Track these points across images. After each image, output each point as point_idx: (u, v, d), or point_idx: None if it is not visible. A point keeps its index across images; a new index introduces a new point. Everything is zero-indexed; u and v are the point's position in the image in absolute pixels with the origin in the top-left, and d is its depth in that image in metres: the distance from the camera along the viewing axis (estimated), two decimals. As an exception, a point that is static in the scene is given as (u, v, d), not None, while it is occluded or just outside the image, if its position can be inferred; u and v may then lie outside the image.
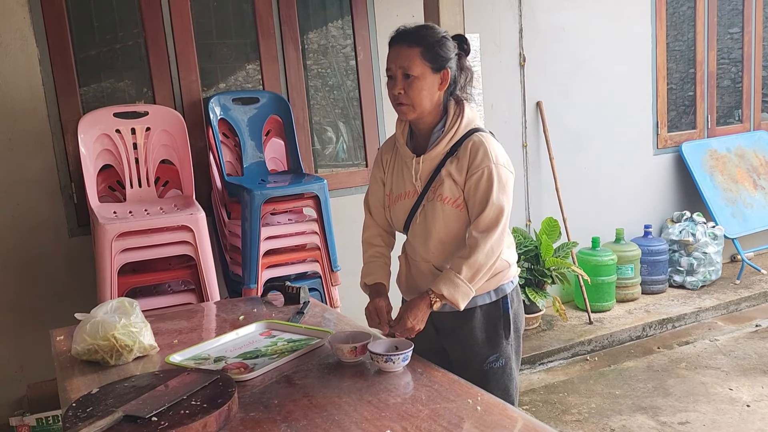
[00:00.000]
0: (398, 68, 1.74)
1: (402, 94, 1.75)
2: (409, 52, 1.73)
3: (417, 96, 1.75)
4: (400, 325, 1.71)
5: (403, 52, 1.74)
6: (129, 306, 1.83)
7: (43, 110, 3.04)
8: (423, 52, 1.73)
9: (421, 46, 1.73)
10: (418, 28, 1.78)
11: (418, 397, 1.46)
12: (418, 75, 1.73)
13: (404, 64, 1.73)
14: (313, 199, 3.13)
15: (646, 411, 3.06)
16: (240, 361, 1.73)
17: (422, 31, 1.77)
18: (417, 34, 1.75)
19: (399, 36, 1.77)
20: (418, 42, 1.74)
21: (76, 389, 1.62)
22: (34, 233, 3.06)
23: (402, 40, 1.76)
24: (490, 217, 1.74)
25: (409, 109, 1.77)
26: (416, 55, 1.73)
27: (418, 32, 1.76)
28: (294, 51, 3.61)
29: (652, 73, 4.84)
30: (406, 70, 1.73)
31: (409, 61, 1.73)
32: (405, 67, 1.73)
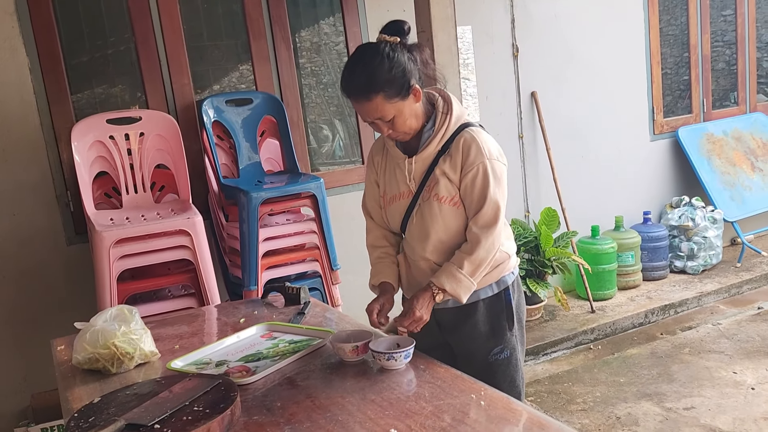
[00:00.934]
0: (374, 119, 1.70)
1: (392, 132, 1.74)
2: (374, 103, 1.66)
3: (404, 126, 1.73)
4: (408, 317, 1.71)
5: (368, 107, 1.67)
6: (128, 313, 1.83)
7: (35, 119, 3.02)
8: (385, 95, 1.65)
9: (380, 92, 1.64)
10: (362, 74, 1.65)
11: (421, 394, 1.46)
12: (395, 114, 1.69)
13: (376, 116, 1.69)
14: (310, 198, 3.12)
15: (651, 398, 3.05)
16: (242, 364, 1.72)
17: (368, 75, 1.64)
18: (369, 84, 1.64)
19: (352, 91, 1.68)
20: (374, 90, 1.64)
21: (77, 399, 1.62)
22: (31, 243, 3.05)
23: (359, 95, 1.67)
24: (490, 213, 1.74)
25: (405, 135, 1.77)
26: (381, 101, 1.65)
27: (369, 80, 1.64)
28: (286, 50, 3.59)
29: (646, 59, 4.82)
30: (382, 118, 1.69)
31: (380, 111, 1.67)
32: (381, 117, 1.69)
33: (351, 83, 1.68)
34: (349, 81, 1.69)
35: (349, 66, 1.70)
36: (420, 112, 1.76)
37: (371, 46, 1.71)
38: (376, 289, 1.91)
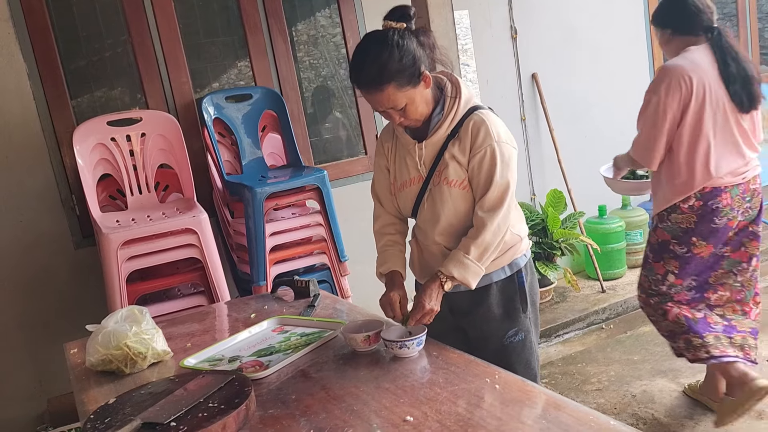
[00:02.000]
0: (387, 109, 1.69)
1: (404, 120, 1.72)
2: (385, 93, 1.64)
3: (416, 113, 1.72)
4: (418, 311, 1.69)
5: (380, 97, 1.65)
6: (139, 313, 1.83)
7: (36, 125, 3.02)
8: (396, 84, 1.63)
9: (391, 82, 1.62)
10: (373, 65, 1.62)
11: (435, 381, 1.45)
12: (407, 102, 1.68)
13: (389, 105, 1.67)
14: (314, 191, 3.11)
15: (666, 374, 3.04)
16: (255, 359, 1.72)
17: (379, 65, 1.61)
18: (380, 74, 1.61)
19: (363, 83, 1.66)
20: (386, 80, 1.62)
21: (93, 401, 1.62)
22: (38, 248, 3.06)
23: (370, 86, 1.65)
24: (495, 196, 1.72)
25: (416, 122, 1.75)
26: (392, 91, 1.64)
27: (379, 70, 1.61)
28: (283, 43, 3.57)
29: (646, 36, 4.77)
30: (396, 106, 1.68)
31: (392, 100, 1.66)
32: (393, 106, 1.68)
33: (361, 74, 1.66)
34: (359, 72, 1.67)
35: (358, 57, 1.67)
36: (430, 98, 1.75)
37: (379, 34, 1.67)
38: (383, 278, 1.89)
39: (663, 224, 2.44)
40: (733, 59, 2.33)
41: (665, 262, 2.47)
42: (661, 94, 2.32)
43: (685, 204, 2.36)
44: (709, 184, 2.32)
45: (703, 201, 2.33)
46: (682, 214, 2.37)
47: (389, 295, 1.77)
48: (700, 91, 2.31)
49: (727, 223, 2.36)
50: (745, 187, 2.38)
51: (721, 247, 2.41)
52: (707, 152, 2.33)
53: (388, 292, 1.79)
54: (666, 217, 2.42)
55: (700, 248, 2.39)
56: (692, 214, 2.36)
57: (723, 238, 2.40)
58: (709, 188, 2.33)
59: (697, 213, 2.34)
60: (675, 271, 2.45)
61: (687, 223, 2.37)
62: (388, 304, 1.76)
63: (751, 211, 2.41)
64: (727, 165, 2.35)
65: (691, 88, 2.30)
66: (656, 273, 2.51)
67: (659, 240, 2.47)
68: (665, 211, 2.41)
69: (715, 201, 2.33)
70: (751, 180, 2.40)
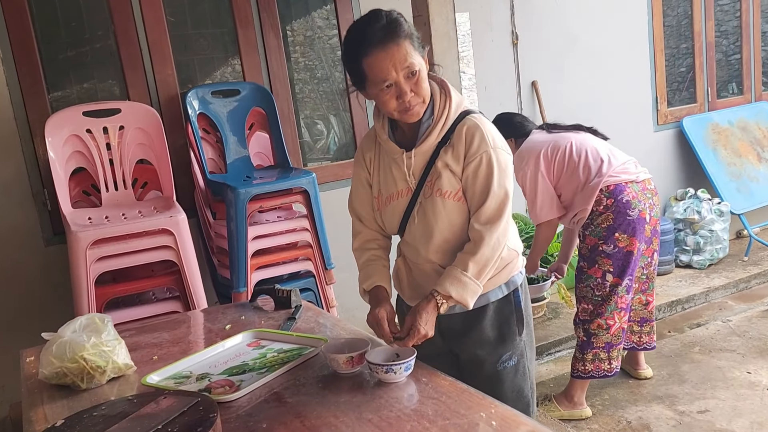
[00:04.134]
0: (401, 70, 1.50)
1: (413, 96, 1.54)
2: (403, 47, 1.49)
3: (424, 90, 1.56)
4: (412, 335, 1.52)
5: (398, 53, 1.49)
6: (100, 322, 1.66)
7: (8, 112, 2.85)
8: (411, 43, 1.51)
9: (407, 38, 1.50)
10: (387, 21, 1.51)
11: (424, 413, 1.30)
12: (420, 68, 1.53)
13: (406, 63, 1.50)
14: (302, 194, 2.96)
15: (663, 400, 2.91)
16: (225, 378, 1.56)
17: (393, 21, 1.51)
18: (397, 28, 1.50)
19: (379, 37, 1.49)
20: (402, 35, 1.50)
21: (41, 419, 1.46)
22: (6, 244, 2.88)
23: (388, 40, 1.49)
24: (493, 208, 1.57)
25: (421, 107, 1.58)
26: (409, 47, 1.50)
27: (395, 25, 1.51)
28: (275, 39, 3.42)
29: (649, 47, 4.67)
30: (411, 67, 1.51)
31: (410, 57, 1.50)
32: (410, 66, 1.50)
33: (376, 31, 1.49)
34: (373, 31, 1.49)
35: (367, 21, 1.52)
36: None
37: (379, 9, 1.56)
38: (366, 295, 1.73)
39: (588, 230, 2.72)
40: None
41: (599, 264, 2.70)
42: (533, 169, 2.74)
43: (599, 206, 2.66)
44: (611, 182, 2.64)
45: (613, 198, 2.64)
46: (600, 215, 2.67)
47: (376, 312, 1.60)
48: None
49: (639, 214, 2.64)
50: (643, 185, 2.71)
51: (642, 244, 2.69)
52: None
53: (374, 309, 1.62)
54: (590, 224, 2.71)
55: (624, 242, 2.66)
56: (609, 213, 2.65)
57: (642, 231, 2.67)
58: (612, 185, 2.64)
59: (612, 210, 2.64)
60: (610, 270, 2.69)
61: (607, 222, 2.66)
62: (376, 323, 1.59)
63: (656, 208, 2.74)
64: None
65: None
66: (595, 278, 2.72)
67: (589, 246, 2.73)
68: (588, 220, 2.71)
69: (623, 195, 2.63)
70: (646, 181, 2.75)
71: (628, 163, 2.75)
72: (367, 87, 1.56)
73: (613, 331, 2.74)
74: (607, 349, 2.76)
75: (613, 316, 2.72)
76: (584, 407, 2.85)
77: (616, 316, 2.72)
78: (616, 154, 2.76)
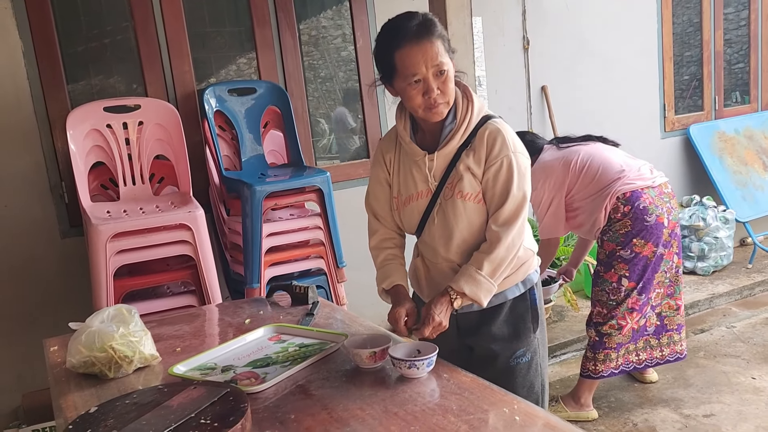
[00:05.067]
0: (431, 67, 1.55)
1: (440, 94, 1.59)
2: (436, 45, 1.55)
3: (451, 91, 1.61)
4: (428, 324, 1.58)
5: (432, 50, 1.54)
6: (127, 313, 1.70)
7: (29, 106, 2.88)
8: (442, 41, 1.57)
9: (440, 37, 1.57)
10: (423, 19, 1.58)
11: (448, 407, 1.33)
12: (449, 68, 1.58)
13: (437, 61, 1.55)
14: (315, 192, 3.00)
15: (668, 403, 2.94)
16: (250, 370, 1.60)
17: (429, 18, 1.59)
18: (431, 25, 1.57)
19: (415, 29, 1.55)
20: (436, 34, 1.56)
21: (72, 407, 1.49)
22: (24, 235, 2.91)
23: (423, 36, 1.55)
24: (511, 210, 1.62)
25: (445, 107, 1.62)
26: (441, 47, 1.56)
27: (430, 21, 1.57)
28: (291, 38, 3.46)
29: (658, 54, 4.71)
30: (441, 66, 1.56)
31: (441, 56, 1.55)
32: (439, 64, 1.55)
33: (413, 25, 1.55)
34: (409, 25, 1.56)
35: (403, 18, 1.59)
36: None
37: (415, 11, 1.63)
38: (384, 294, 1.77)
39: (606, 236, 2.75)
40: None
41: (615, 269, 2.74)
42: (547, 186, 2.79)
43: (617, 213, 2.68)
44: (627, 189, 2.67)
45: (630, 205, 2.66)
46: (618, 221, 2.69)
47: (398, 309, 1.65)
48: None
49: (657, 219, 2.67)
50: (659, 189, 2.74)
51: (661, 248, 2.71)
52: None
53: (395, 307, 1.67)
54: (607, 229, 2.74)
55: (641, 248, 2.69)
56: (626, 219, 2.68)
57: (660, 236, 2.69)
58: (629, 192, 2.66)
59: (630, 217, 2.67)
60: (626, 274, 2.72)
61: (625, 228, 2.69)
62: (396, 320, 1.64)
63: (674, 211, 2.77)
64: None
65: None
66: (611, 282, 2.75)
67: (606, 251, 2.76)
68: (606, 226, 2.74)
69: (640, 201, 2.66)
70: (662, 185, 2.77)
71: (643, 168, 2.78)
72: (395, 81, 1.61)
73: (624, 332, 2.76)
74: (617, 349, 2.79)
75: (625, 316, 2.75)
76: (591, 409, 2.89)
77: (628, 316, 2.75)
78: (630, 161, 2.79)
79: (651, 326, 2.85)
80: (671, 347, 2.90)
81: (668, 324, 2.89)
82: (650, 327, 2.85)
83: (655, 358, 2.89)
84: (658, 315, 2.86)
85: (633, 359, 2.85)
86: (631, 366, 2.86)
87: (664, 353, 2.89)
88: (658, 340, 2.88)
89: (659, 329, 2.87)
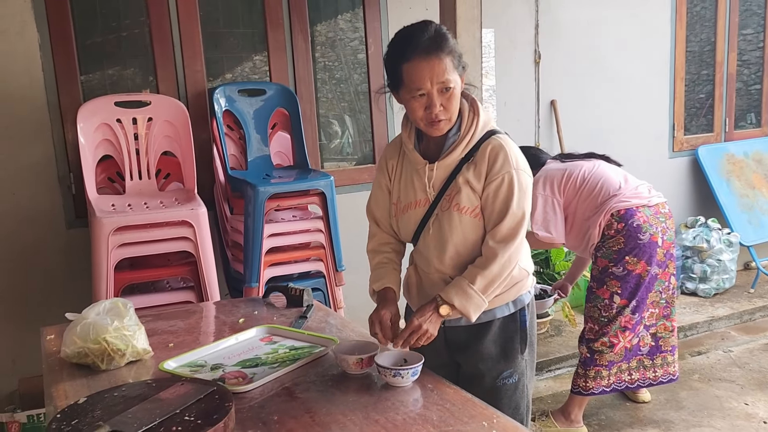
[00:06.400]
0: (435, 84, 1.56)
1: (442, 110, 1.60)
2: (444, 62, 1.55)
3: (454, 108, 1.61)
4: (408, 328, 1.59)
5: (439, 67, 1.54)
6: (123, 307, 1.73)
7: (42, 97, 2.94)
8: (452, 60, 1.57)
9: (449, 55, 1.56)
10: (435, 33, 1.57)
11: (428, 417, 1.36)
12: (455, 86, 1.58)
13: (443, 78, 1.55)
14: (319, 196, 3.03)
15: (659, 425, 2.95)
16: (238, 369, 1.63)
17: (441, 32, 1.58)
18: (443, 43, 1.56)
19: (425, 44, 1.55)
20: (445, 50, 1.56)
21: (62, 396, 1.53)
22: (30, 224, 2.96)
23: (431, 51, 1.54)
24: (509, 227, 1.63)
25: (446, 123, 1.63)
26: (449, 63, 1.56)
27: (442, 40, 1.57)
28: (303, 42, 3.49)
29: (670, 74, 4.71)
30: (446, 84, 1.56)
31: (448, 74, 1.55)
32: (445, 81, 1.56)
33: (423, 39, 1.55)
34: (420, 38, 1.55)
35: (416, 29, 1.59)
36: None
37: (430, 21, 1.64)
38: (375, 295, 1.79)
39: (600, 252, 2.77)
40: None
41: (607, 285, 2.76)
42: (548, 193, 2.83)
43: (610, 230, 2.71)
44: (622, 206, 2.69)
45: (623, 222, 2.69)
46: (611, 238, 2.72)
47: (380, 312, 1.66)
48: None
49: (651, 238, 2.69)
50: (656, 209, 2.75)
51: (655, 268, 2.72)
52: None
53: (379, 309, 1.68)
54: (601, 245, 2.76)
55: (633, 265, 2.71)
56: (620, 236, 2.70)
57: (653, 255, 2.71)
58: (623, 210, 2.69)
59: (624, 234, 2.69)
60: (618, 291, 2.74)
61: (618, 245, 2.71)
62: (377, 322, 1.64)
63: (669, 231, 2.77)
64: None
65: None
66: (603, 299, 2.78)
67: (600, 268, 2.78)
68: (600, 242, 2.76)
69: (633, 219, 2.68)
70: (659, 205, 2.78)
71: (641, 188, 2.79)
72: (401, 91, 1.62)
73: (616, 350, 2.77)
74: (609, 367, 2.80)
75: (617, 335, 2.76)
76: (581, 425, 2.90)
77: (620, 335, 2.76)
78: (629, 179, 2.81)
79: (645, 347, 2.85)
80: (665, 368, 2.90)
81: (663, 345, 2.89)
82: (644, 347, 2.85)
83: (648, 379, 2.89)
84: (653, 336, 2.86)
85: (625, 378, 2.86)
86: (623, 385, 2.87)
87: (657, 374, 2.89)
88: (652, 360, 2.88)
89: (653, 350, 2.87)
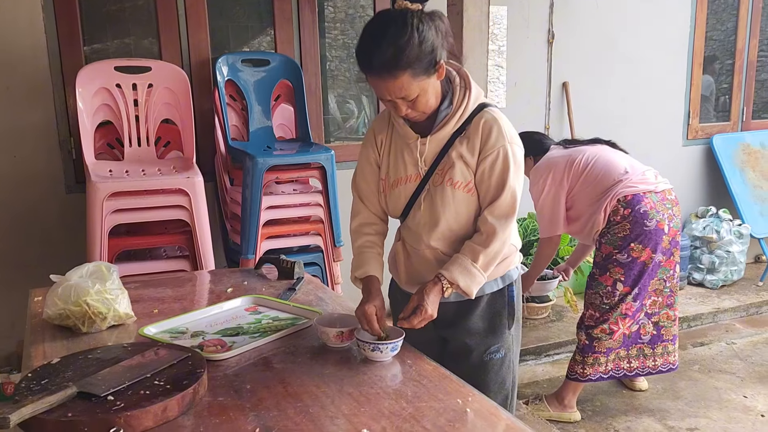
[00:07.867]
0: (395, 98, 1.51)
1: (410, 112, 1.56)
2: (399, 81, 1.46)
3: (425, 105, 1.56)
4: (419, 314, 1.53)
5: (392, 85, 1.47)
6: (106, 271, 1.72)
7: (44, 60, 2.92)
8: (412, 72, 1.46)
9: (407, 69, 1.45)
10: (389, 49, 1.43)
11: (403, 393, 1.33)
12: (419, 92, 1.51)
13: (401, 94, 1.50)
14: (319, 170, 3.00)
15: (654, 413, 2.91)
16: (219, 338, 1.61)
17: (397, 50, 1.43)
18: (397, 60, 1.44)
19: (375, 67, 1.46)
20: (402, 67, 1.45)
21: (40, 355, 1.52)
22: (29, 187, 2.97)
23: (382, 72, 1.46)
24: (508, 202, 1.59)
25: (421, 116, 1.59)
26: (407, 79, 1.46)
27: (396, 56, 1.43)
28: (310, 14, 3.44)
29: (688, 60, 4.59)
30: (407, 97, 1.51)
31: (405, 89, 1.48)
32: (405, 96, 1.50)
33: (374, 58, 1.46)
34: (371, 56, 1.47)
35: (371, 37, 1.48)
36: (440, 90, 1.60)
37: (395, 16, 1.48)
38: (358, 282, 1.73)
39: (604, 238, 2.71)
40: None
41: (611, 272, 2.70)
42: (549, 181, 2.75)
43: (616, 216, 2.65)
44: (629, 192, 2.63)
45: (630, 208, 2.62)
46: (617, 224, 2.66)
47: (366, 307, 1.58)
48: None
49: (657, 224, 2.63)
50: (662, 195, 2.70)
51: (659, 255, 2.67)
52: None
53: (364, 304, 1.60)
54: (606, 231, 2.70)
55: (638, 252, 2.65)
56: (626, 222, 2.64)
57: (659, 242, 2.65)
58: (630, 195, 2.62)
59: (629, 220, 2.63)
60: (621, 279, 2.68)
61: (623, 231, 2.65)
62: (365, 318, 1.57)
63: (676, 219, 2.71)
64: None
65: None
66: (605, 285, 2.72)
67: (603, 254, 2.72)
68: (605, 228, 2.70)
69: (640, 205, 2.62)
70: (666, 191, 2.72)
71: (647, 173, 2.73)
72: None
73: (615, 337, 2.73)
74: (607, 354, 2.77)
75: (617, 321, 2.71)
76: (574, 410, 2.87)
77: (621, 322, 2.72)
78: (635, 165, 2.74)
79: (647, 335, 2.81)
80: (665, 357, 2.86)
81: (664, 334, 2.84)
82: (645, 336, 2.81)
83: (647, 368, 2.85)
84: (655, 324, 2.81)
85: (624, 366, 2.82)
86: (621, 372, 2.83)
87: (657, 363, 2.85)
88: (653, 349, 2.83)
89: (655, 338, 2.83)
